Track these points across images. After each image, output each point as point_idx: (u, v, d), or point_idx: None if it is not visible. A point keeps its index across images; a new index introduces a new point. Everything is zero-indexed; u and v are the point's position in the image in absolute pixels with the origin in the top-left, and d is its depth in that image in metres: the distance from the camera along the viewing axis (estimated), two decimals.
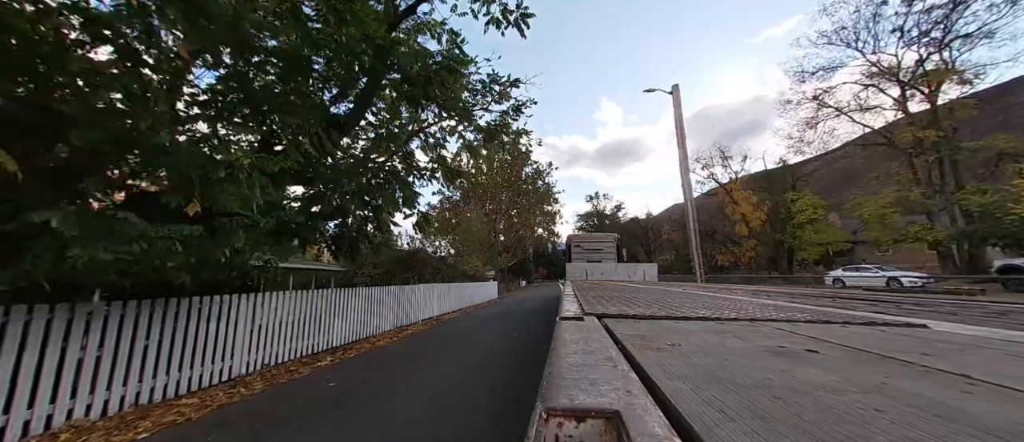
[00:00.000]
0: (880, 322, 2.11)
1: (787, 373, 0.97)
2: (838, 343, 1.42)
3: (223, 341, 4.95)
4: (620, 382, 0.82)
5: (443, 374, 5.04)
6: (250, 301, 5.39)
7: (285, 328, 5.97)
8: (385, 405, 3.88)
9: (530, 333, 8.18)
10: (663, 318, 2.16)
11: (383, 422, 3.45)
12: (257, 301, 5.49)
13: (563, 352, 1.15)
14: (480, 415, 3.52)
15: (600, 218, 67.87)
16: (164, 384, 4.23)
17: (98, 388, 3.68)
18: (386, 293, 9.37)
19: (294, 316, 6.16)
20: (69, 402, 3.50)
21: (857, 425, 0.62)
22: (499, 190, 37.96)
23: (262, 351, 5.52)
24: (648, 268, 19.75)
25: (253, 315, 5.42)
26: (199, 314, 4.69)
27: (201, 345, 4.66)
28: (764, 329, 1.77)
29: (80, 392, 3.58)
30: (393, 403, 3.93)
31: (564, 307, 2.71)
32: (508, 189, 38.49)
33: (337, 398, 4.16)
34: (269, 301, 5.71)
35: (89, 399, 3.63)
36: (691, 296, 4.29)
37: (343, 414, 3.68)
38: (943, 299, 5.33)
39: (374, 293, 8.79)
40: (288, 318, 6.03)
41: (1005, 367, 1.08)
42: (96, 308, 3.69)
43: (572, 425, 0.64)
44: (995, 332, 1.81)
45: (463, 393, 4.19)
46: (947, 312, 3.43)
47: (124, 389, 3.87)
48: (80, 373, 3.58)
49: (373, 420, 3.51)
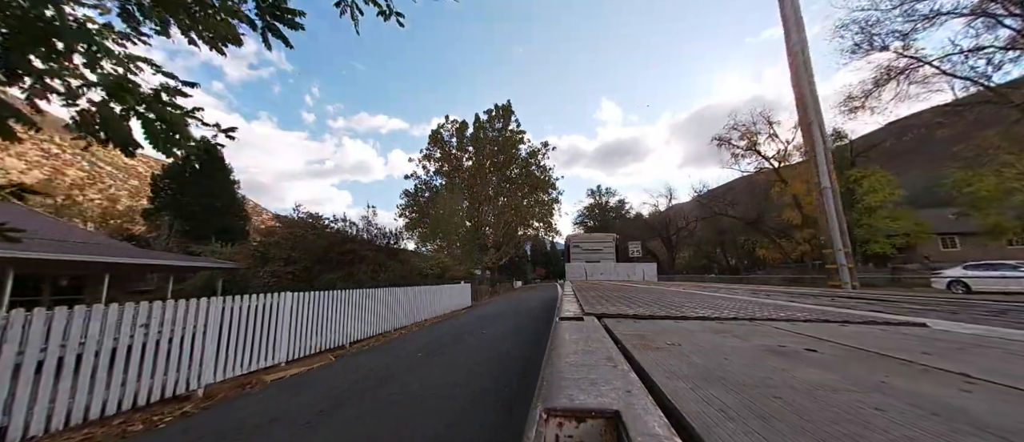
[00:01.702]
0: (880, 321, 2.11)
1: (787, 372, 0.97)
2: (838, 342, 1.42)
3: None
4: (620, 382, 0.82)
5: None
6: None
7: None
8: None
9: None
10: (663, 318, 2.16)
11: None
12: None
13: (563, 352, 1.15)
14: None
15: (603, 211, 62.56)
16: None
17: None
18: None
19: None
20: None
21: (857, 424, 0.62)
22: (486, 175, 33.45)
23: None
24: (647, 268, 19.81)
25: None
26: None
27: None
28: (764, 328, 1.77)
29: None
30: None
31: (563, 307, 2.71)
32: (496, 173, 34.01)
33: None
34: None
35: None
36: (691, 296, 4.29)
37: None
38: (943, 298, 5.25)
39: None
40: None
41: (1005, 366, 1.08)
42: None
43: (572, 425, 0.64)
44: (994, 331, 1.81)
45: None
46: (946, 311, 3.44)
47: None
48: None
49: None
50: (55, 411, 3.59)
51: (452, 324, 10.86)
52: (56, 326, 3.78)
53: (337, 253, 13.84)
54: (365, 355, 6.99)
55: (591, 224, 61.54)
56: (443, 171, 34.66)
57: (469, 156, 34.71)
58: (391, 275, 14.37)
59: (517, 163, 35.01)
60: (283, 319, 6.41)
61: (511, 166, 34.57)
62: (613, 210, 62.75)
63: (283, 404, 4.34)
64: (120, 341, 4.22)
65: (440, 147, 35.29)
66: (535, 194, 35.44)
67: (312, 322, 7.03)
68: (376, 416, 3.79)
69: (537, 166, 35.85)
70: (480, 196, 33.37)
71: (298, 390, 4.88)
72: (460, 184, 32.96)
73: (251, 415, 4.04)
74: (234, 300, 5.64)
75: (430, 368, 5.70)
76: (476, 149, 34.20)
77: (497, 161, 34.16)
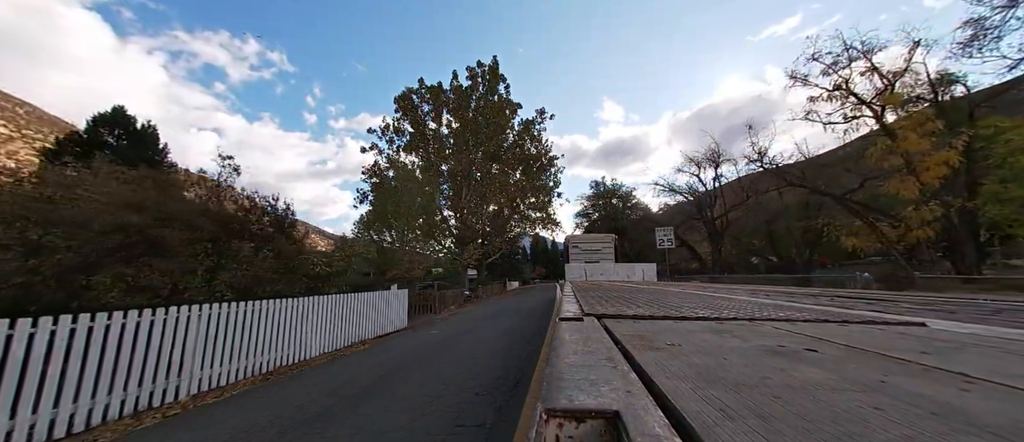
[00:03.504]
0: (879, 321, 2.12)
1: (786, 372, 0.97)
2: (837, 342, 1.42)
3: None
4: (620, 382, 0.82)
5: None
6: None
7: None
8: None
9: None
10: (662, 318, 2.16)
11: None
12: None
13: (563, 352, 1.15)
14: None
15: (607, 198, 52.65)
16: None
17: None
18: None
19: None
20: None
21: (856, 423, 0.63)
22: (468, 150, 25.96)
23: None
24: (647, 268, 19.83)
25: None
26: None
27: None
28: (763, 328, 1.78)
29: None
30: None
31: (563, 308, 2.71)
32: (481, 148, 26.49)
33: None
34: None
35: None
36: (691, 296, 4.30)
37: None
38: (941, 298, 5.15)
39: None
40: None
41: (1003, 365, 1.09)
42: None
43: (572, 426, 0.64)
44: (993, 330, 1.82)
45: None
46: (945, 310, 3.44)
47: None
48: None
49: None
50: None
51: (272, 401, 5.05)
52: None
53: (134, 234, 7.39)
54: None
55: (596, 216, 52.92)
56: (413, 145, 27.15)
57: (446, 124, 27.34)
58: (256, 271, 8.47)
59: (507, 136, 27.91)
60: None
61: (498, 139, 27.14)
62: (621, 198, 52.76)
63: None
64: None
65: (409, 115, 27.07)
66: (530, 175, 28.74)
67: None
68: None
69: (532, 140, 28.48)
70: (459, 176, 26.43)
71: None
72: (436, 161, 26.26)
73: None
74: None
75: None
76: (456, 116, 26.93)
77: (480, 133, 26.42)
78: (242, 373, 6.10)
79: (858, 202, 21.99)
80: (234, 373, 5.97)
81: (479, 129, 26.38)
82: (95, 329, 4.30)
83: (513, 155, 27.93)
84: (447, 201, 27.10)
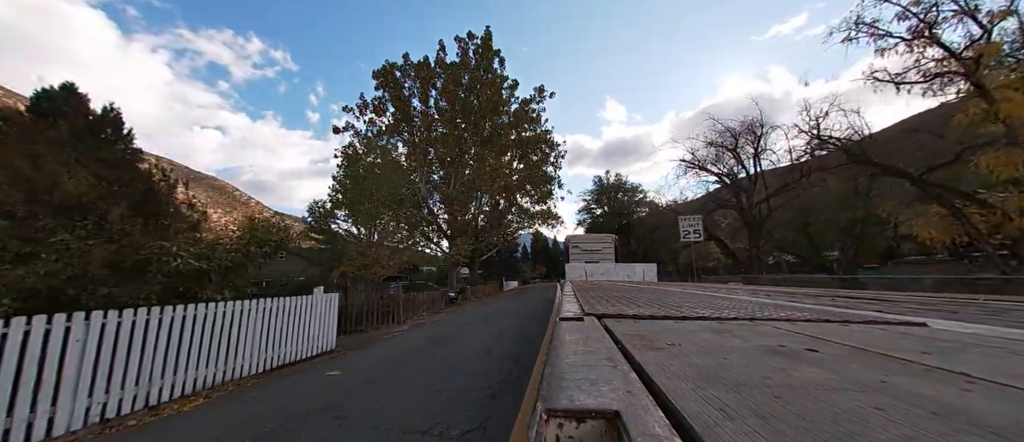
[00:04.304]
0: (880, 321, 2.11)
1: (787, 372, 0.97)
2: (838, 342, 1.42)
3: None
4: (620, 382, 0.82)
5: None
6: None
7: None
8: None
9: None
10: (663, 318, 2.16)
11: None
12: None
13: (563, 352, 1.15)
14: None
15: (613, 192, 50.30)
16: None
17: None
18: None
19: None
20: None
21: (857, 424, 0.62)
22: (457, 131, 22.79)
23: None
24: (647, 268, 19.84)
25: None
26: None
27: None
28: (764, 328, 1.77)
29: None
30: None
31: (564, 307, 2.71)
32: (472, 130, 23.17)
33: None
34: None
35: None
36: (691, 296, 4.29)
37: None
38: (943, 298, 5.15)
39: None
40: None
41: (1005, 365, 1.08)
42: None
43: (572, 426, 0.64)
44: (994, 330, 1.81)
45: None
46: (947, 310, 3.43)
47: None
48: None
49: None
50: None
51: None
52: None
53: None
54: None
55: (599, 212, 50.89)
56: (396, 127, 23.87)
57: (434, 102, 24.16)
58: (84, 264, 5.98)
59: (502, 117, 24.75)
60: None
61: (492, 120, 23.96)
62: (625, 191, 50.22)
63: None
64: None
65: (392, 92, 23.60)
66: (528, 163, 25.81)
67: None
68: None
69: (531, 123, 25.51)
70: (448, 162, 23.31)
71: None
72: (421, 145, 23.12)
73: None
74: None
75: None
76: (445, 94, 23.66)
77: (471, 114, 23.30)
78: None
79: (939, 184, 17.39)
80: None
81: (471, 109, 23.18)
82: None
83: (509, 140, 24.82)
84: (434, 191, 23.85)
